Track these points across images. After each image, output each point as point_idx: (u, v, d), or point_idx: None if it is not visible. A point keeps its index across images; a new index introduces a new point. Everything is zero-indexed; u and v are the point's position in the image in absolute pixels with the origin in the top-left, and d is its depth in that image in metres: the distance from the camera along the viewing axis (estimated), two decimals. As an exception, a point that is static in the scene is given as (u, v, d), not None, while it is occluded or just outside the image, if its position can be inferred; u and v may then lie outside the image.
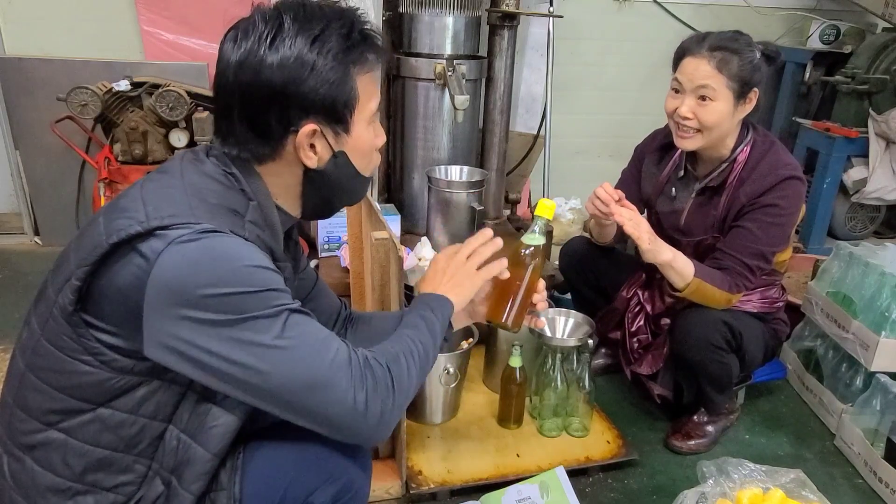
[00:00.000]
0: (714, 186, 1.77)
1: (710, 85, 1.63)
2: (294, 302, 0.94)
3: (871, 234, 3.23)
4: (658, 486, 1.75)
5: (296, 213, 1.08)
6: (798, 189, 1.69)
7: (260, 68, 0.92)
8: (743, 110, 1.69)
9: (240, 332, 0.87)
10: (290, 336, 0.90)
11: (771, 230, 1.68)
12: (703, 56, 1.64)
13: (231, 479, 1.00)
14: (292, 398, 0.91)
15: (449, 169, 2.53)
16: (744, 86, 1.64)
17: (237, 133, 0.97)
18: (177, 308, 0.85)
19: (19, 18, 2.81)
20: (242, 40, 0.93)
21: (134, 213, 0.88)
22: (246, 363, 0.88)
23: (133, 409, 0.93)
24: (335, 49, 0.94)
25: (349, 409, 0.92)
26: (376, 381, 0.95)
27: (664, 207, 1.89)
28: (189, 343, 0.86)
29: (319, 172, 1.02)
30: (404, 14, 2.54)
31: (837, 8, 3.42)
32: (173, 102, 2.41)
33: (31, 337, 0.95)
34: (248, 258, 0.89)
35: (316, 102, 0.95)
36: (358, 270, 1.88)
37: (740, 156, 1.73)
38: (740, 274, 1.69)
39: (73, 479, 0.94)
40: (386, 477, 1.62)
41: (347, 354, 0.95)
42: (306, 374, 0.90)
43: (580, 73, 3.35)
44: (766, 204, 1.67)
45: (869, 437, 1.81)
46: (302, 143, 0.97)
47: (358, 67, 0.98)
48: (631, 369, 1.95)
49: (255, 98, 0.94)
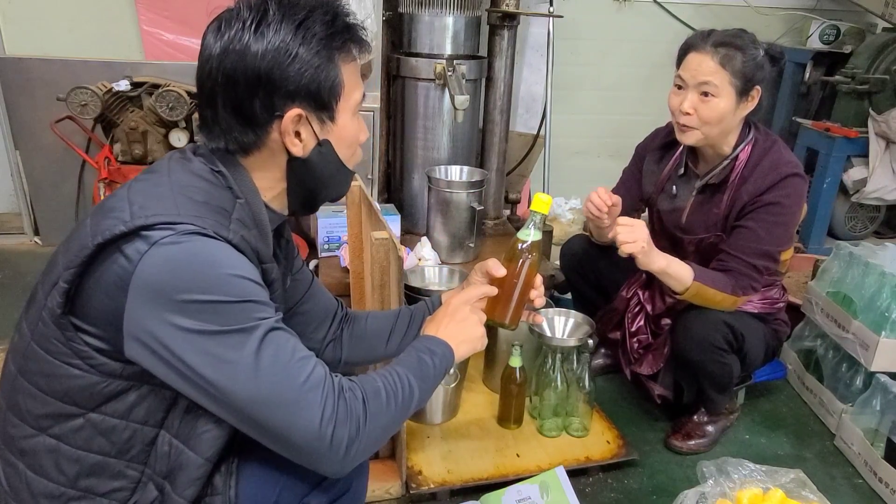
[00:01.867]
0: (715, 184, 1.77)
1: (712, 81, 1.63)
2: (275, 315, 0.91)
3: (871, 234, 3.24)
4: (658, 486, 1.75)
5: (283, 208, 1.07)
6: (800, 187, 1.69)
7: (245, 54, 0.92)
8: (745, 108, 1.68)
9: (213, 346, 0.85)
10: (264, 355, 0.88)
11: (774, 229, 1.67)
12: (707, 52, 1.64)
13: (226, 484, 0.99)
14: (258, 417, 0.88)
15: (449, 169, 2.53)
16: (746, 83, 1.64)
17: (221, 122, 0.96)
18: (156, 309, 0.84)
19: (19, 18, 2.80)
20: (226, 29, 0.93)
21: (119, 213, 0.88)
22: (214, 380, 0.86)
23: (124, 414, 0.93)
24: (320, 34, 0.94)
25: (315, 436, 0.89)
26: (348, 412, 0.92)
27: (665, 206, 1.89)
28: (163, 345, 0.85)
29: (304, 161, 1.01)
30: (404, 14, 2.54)
31: (837, 8, 3.43)
32: (173, 102, 2.41)
33: (21, 341, 0.94)
34: (231, 266, 0.87)
35: (301, 87, 0.94)
36: (358, 270, 1.88)
37: (742, 154, 1.73)
38: (746, 275, 1.68)
39: (67, 485, 0.94)
40: (386, 477, 1.62)
41: (322, 379, 0.92)
42: (274, 396, 0.87)
43: (580, 73, 3.35)
44: (768, 202, 1.66)
45: (869, 437, 1.81)
46: (287, 128, 0.96)
47: (343, 55, 0.98)
48: (631, 369, 1.95)
49: (240, 84, 0.93)
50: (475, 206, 2.38)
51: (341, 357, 1.33)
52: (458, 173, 2.53)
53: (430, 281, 2.14)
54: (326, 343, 1.31)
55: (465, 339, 1.15)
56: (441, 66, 2.41)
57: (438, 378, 1.09)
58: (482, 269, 1.28)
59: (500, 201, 2.97)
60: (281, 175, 1.02)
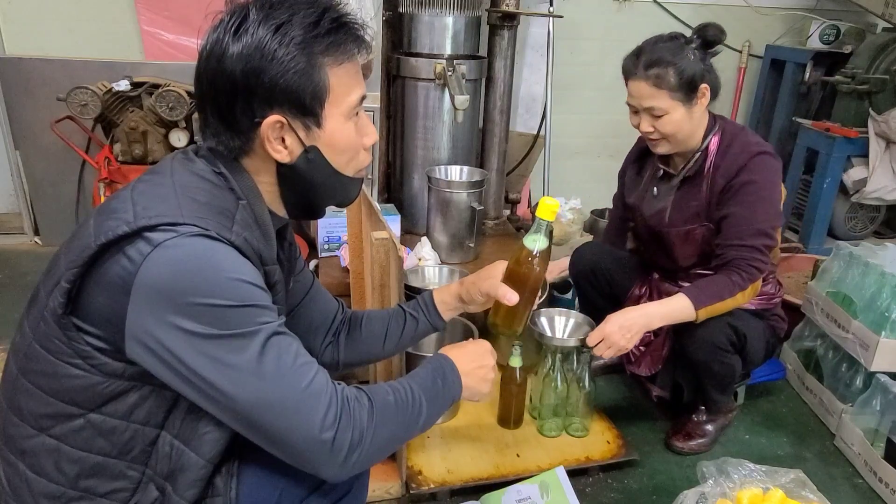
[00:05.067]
0: (691, 176, 1.79)
1: (654, 105, 1.69)
2: (277, 320, 0.91)
3: (871, 234, 3.23)
4: (658, 486, 1.75)
5: (282, 212, 1.06)
6: (770, 163, 1.70)
7: (223, 58, 0.90)
8: (700, 106, 1.71)
9: (215, 349, 0.85)
10: (266, 360, 0.87)
11: (758, 206, 1.68)
12: (641, 78, 1.69)
13: (227, 485, 0.99)
14: (258, 421, 0.88)
15: (449, 169, 2.53)
16: (688, 90, 1.67)
17: (211, 125, 0.96)
18: (158, 311, 0.84)
19: (19, 18, 2.81)
20: (212, 32, 0.92)
21: (123, 213, 0.87)
22: (215, 383, 0.86)
23: (125, 414, 0.92)
24: (299, 38, 0.90)
25: (314, 440, 0.89)
26: (351, 420, 0.92)
27: (649, 209, 1.90)
28: (164, 347, 0.85)
29: (291, 168, 0.98)
30: (404, 14, 2.54)
31: (837, 8, 3.42)
32: (173, 102, 2.41)
33: (23, 340, 0.94)
34: (233, 270, 0.87)
35: (279, 93, 0.91)
36: (358, 270, 1.88)
37: (711, 145, 1.76)
38: (749, 259, 1.66)
39: (67, 486, 0.93)
40: (386, 477, 1.62)
41: (324, 385, 0.91)
42: (276, 401, 0.87)
43: (580, 73, 3.35)
44: (743, 182, 1.68)
45: (869, 437, 1.81)
46: (267, 135, 0.94)
47: (330, 58, 0.93)
48: (629, 369, 1.95)
49: (221, 89, 0.92)
50: (475, 206, 2.38)
51: (339, 359, 1.33)
52: (458, 173, 2.53)
53: (430, 281, 2.14)
54: (325, 345, 1.31)
55: (474, 389, 1.15)
56: (441, 66, 2.41)
57: (444, 407, 1.09)
58: (485, 289, 1.28)
59: (500, 201, 2.97)
60: (271, 178, 1.01)
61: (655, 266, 1.99)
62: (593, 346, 1.63)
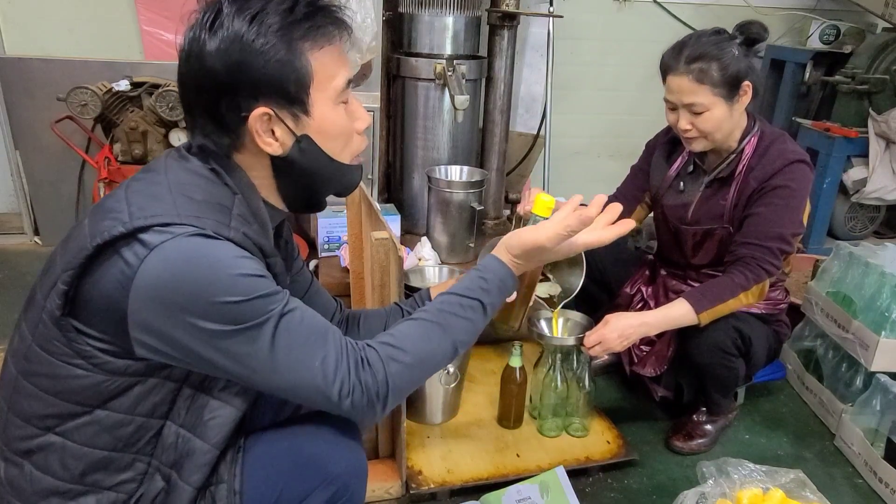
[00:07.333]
0: (723, 178, 1.77)
1: (695, 101, 1.64)
2: (282, 301, 0.92)
3: (871, 234, 3.23)
4: (658, 486, 1.75)
5: (280, 206, 1.05)
6: (806, 173, 1.68)
7: (202, 56, 0.89)
8: (741, 104, 1.68)
9: (228, 343, 0.87)
10: (279, 345, 0.90)
11: (785, 212, 1.66)
12: (682, 72, 1.64)
13: (231, 473, 1.00)
14: (279, 394, 0.94)
15: (449, 169, 2.53)
16: (731, 86, 1.64)
17: (199, 125, 0.95)
18: (164, 313, 0.85)
19: (19, 18, 2.80)
20: (188, 31, 0.91)
21: (118, 213, 0.87)
22: (233, 371, 0.90)
23: (129, 408, 0.93)
24: (276, 25, 0.89)
25: (336, 408, 0.94)
26: (364, 387, 0.95)
27: (671, 201, 1.88)
28: (177, 345, 0.87)
29: (285, 160, 0.97)
30: (404, 14, 2.54)
31: (837, 8, 3.42)
32: (173, 102, 2.41)
33: (22, 343, 0.94)
34: (234, 266, 0.87)
35: (262, 84, 0.90)
36: (358, 270, 1.88)
37: (748, 147, 1.73)
38: (760, 259, 1.65)
39: (73, 481, 0.94)
40: (386, 477, 1.62)
41: (337, 358, 0.94)
42: (292, 380, 0.92)
43: (580, 73, 3.35)
44: (776, 186, 1.66)
45: (869, 437, 1.81)
46: (255, 128, 0.92)
47: (309, 43, 0.92)
48: (633, 370, 1.94)
49: (204, 87, 0.91)
50: (475, 206, 2.38)
51: None
52: (458, 173, 2.53)
53: (430, 281, 2.13)
54: None
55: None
56: (441, 66, 2.41)
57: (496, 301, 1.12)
58: None
59: (500, 201, 2.97)
60: (265, 172, 1.00)
61: (666, 260, 1.98)
62: (590, 347, 1.64)
